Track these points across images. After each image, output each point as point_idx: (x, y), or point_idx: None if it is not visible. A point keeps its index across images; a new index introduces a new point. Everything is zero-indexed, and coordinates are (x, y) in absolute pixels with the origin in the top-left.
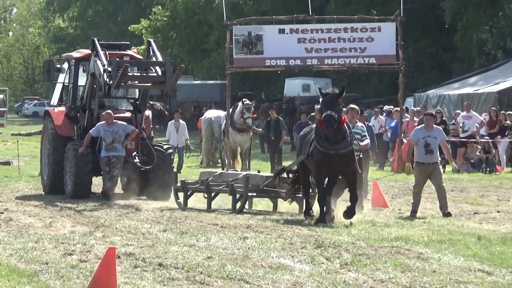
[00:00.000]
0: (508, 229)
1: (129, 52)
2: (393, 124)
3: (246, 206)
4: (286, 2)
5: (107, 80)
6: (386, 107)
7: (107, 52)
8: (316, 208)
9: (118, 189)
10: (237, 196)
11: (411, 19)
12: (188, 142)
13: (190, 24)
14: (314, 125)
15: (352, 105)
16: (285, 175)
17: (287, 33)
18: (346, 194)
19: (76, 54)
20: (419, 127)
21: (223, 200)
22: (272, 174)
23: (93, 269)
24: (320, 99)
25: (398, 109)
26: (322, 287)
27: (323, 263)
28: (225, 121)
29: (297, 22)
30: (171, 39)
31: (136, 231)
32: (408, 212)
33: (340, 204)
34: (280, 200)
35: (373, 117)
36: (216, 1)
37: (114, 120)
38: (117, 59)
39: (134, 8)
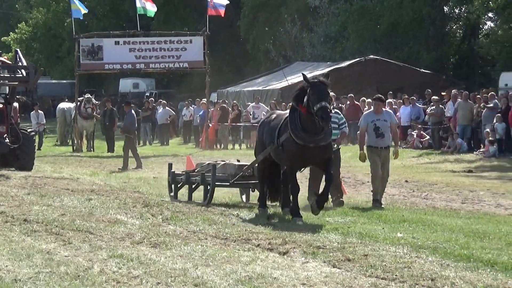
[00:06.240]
0: None
1: (0, 58)
2: (201, 112)
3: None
4: (120, 20)
5: None
6: (197, 100)
7: None
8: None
9: None
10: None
11: (215, 33)
12: (45, 126)
13: (48, 37)
14: (276, 111)
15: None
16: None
17: (121, 44)
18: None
19: None
20: (368, 111)
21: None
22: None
23: None
24: (308, 88)
25: (205, 101)
26: (148, 237)
27: (149, 218)
28: (74, 111)
29: (128, 36)
30: (33, 48)
31: (6, 194)
32: None
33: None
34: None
35: (184, 108)
36: (67, 20)
37: None
38: None
39: (4, 24)
